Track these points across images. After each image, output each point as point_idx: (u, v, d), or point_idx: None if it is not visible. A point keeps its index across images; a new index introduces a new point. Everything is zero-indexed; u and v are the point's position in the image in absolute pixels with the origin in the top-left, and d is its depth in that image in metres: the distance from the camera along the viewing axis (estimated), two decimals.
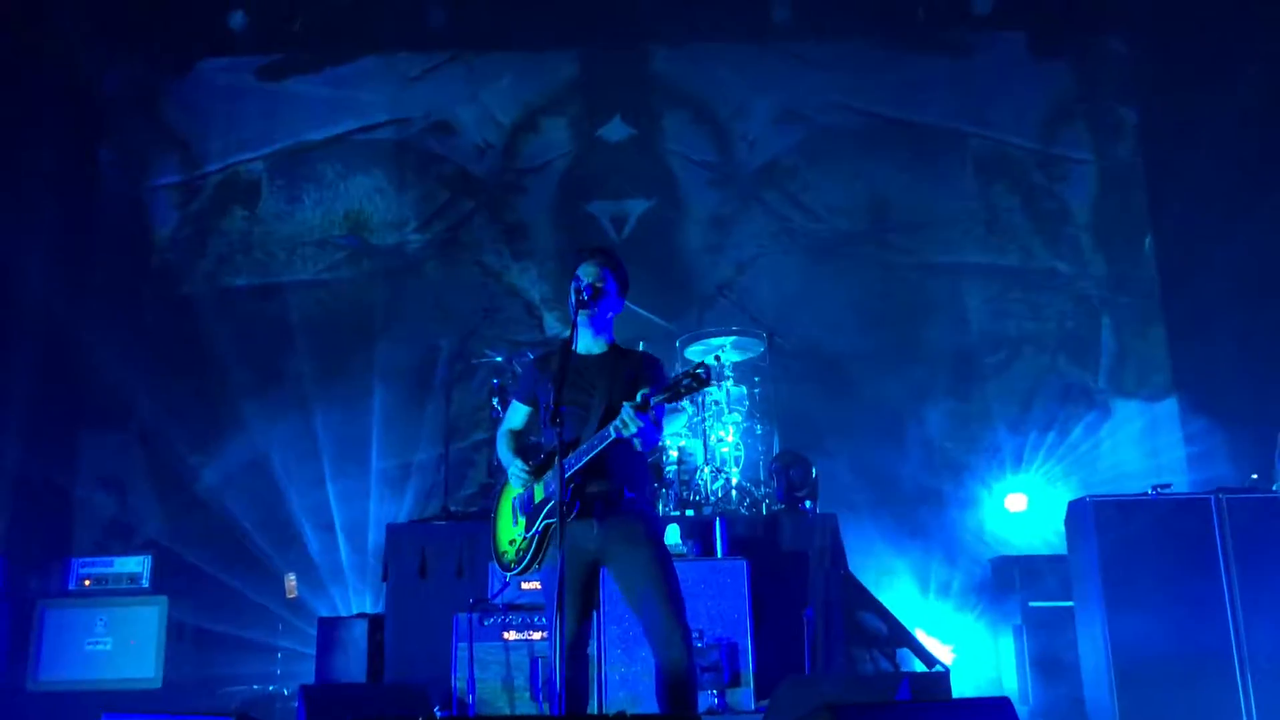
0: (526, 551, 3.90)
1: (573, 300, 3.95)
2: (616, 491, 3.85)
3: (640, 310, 7.90)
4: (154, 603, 6.75)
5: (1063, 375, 8.39)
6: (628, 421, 3.65)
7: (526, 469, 3.98)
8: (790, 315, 8.14)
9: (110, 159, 8.88)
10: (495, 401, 7.01)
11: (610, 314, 4.07)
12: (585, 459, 3.78)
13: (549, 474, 3.89)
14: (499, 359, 7.20)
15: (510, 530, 4.04)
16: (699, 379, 3.61)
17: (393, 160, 8.88)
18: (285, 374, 8.41)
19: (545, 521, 3.86)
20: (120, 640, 6.69)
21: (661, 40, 8.87)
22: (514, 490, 4.07)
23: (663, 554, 3.85)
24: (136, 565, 6.90)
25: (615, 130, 8.86)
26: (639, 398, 3.70)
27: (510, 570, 4.00)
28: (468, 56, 8.96)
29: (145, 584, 6.84)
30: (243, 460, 8.22)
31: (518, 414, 4.25)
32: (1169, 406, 8.26)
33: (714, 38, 8.85)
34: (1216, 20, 7.70)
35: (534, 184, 8.84)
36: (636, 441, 3.75)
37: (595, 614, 4.01)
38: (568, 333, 3.98)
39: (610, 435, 3.72)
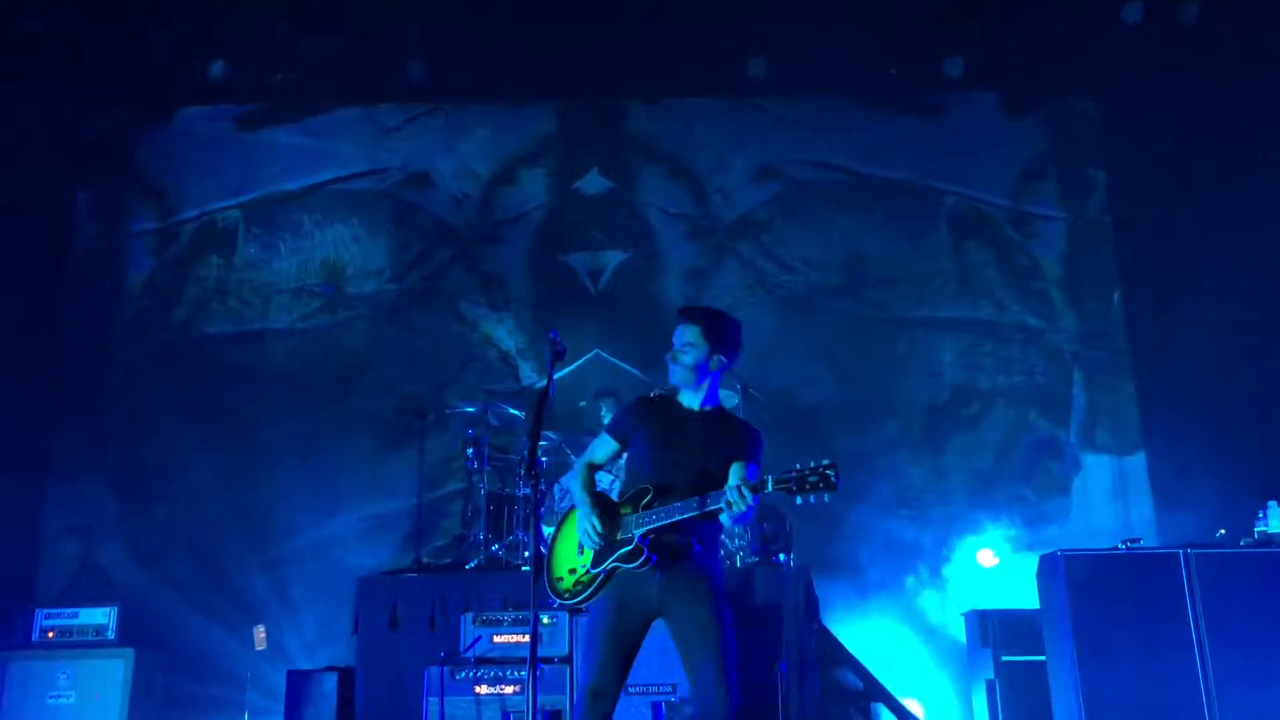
0: (588, 585, 3.80)
1: (672, 356, 3.96)
2: (686, 545, 3.77)
3: (616, 360, 7.96)
4: (120, 655, 6.63)
5: (1034, 429, 8.45)
6: (736, 502, 3.57)
7: (599, 523, 3.82)
8: (764, 367, 8.17)
9: (87, 205, 8.87)
10: (469, 452, 7.00)
11: (704, 374, 3.96)
12: (676, 518, 3.69)
13: (630, 517, 3.79)
14: (473, 409, 7.19)
15: (573, 559, 3.92)
16: (828, 481, 3.46)
17: (370, 210, 8.90)
18: (259, 422, 8.35)
19: (615, 564, 3.76)
20: (84, 694, 6.55)
21: (639, 95, 8.98)
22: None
23: (725, 616, 3.73)
24: (102, 617, 6.78)
25: (593, 183, 8.95)
26: (754, 478, 3.63)
27: (562, 599, 3.90)
28: (446, 109, 9.04)
29: (111, 635, 6.72)
30: (213, 509, 8.13)
31: (605, 447, 4.11)
32: (1139, 461, 8.34)
33: (690, 94, 8.97)
34: (1184, 81, 7.91)
35: (511, 235, 8.88)
36: (726, 518, 3.70)
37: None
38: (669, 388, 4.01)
39: (713, 508, 3.64)
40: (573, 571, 3.90)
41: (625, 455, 4.08)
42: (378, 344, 8.63)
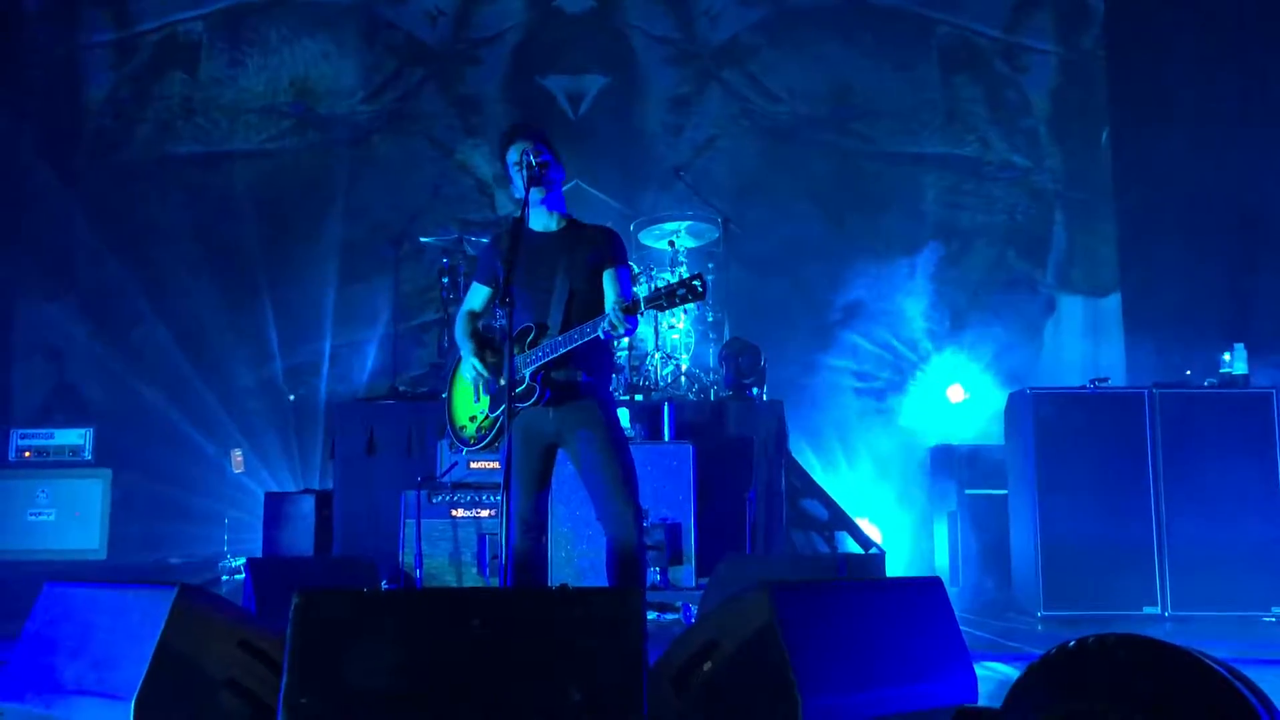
0: (490, 430, 3.94)
1: (523, 177, 3.84)
2: (574, 376, 3.84)
3: (595, 192, 7.80)
4: (97, 475, 6.71)
5: (1011, 269, 8.46)
6: (616, 324, 3.63)
7: (482, 366, 3.94)
8: (746, 200, 8.07)
9: (36, 8, 8.38)
10: (444, 281, 6.93)
11: (559, 185, 3.98)
12: (561, 351, 3.75)
13: (519, 357, 3.83)
14: (448, 239, 7.07)
15: (471, 406, 4.04)
16: (695, 292, 3.55)
17: (340, 25, 8.49)
18: (229, 247, 8.21)
19: (511, 404, 3.81)
20: (64, 512, 6.66)
21: None
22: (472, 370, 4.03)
23: (617, 436, 3.87)
24: (78, 438, 6.82)
25: (574, 1, 8.55)
26: (629, 300, 3.65)
27: (469, 445, 4.04)
28: None
29: (88, 456, 6.77)
30: (189, 332, 8.08)
31: (478, 295, 4.15)
32: (1113, 302, 8.39)
33: None
34: None
35: (487, 55, 8.52)
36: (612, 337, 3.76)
37: (549, 494, 4.03)
38: (519, 213, 3.89)
39: (595, 335, 3.70)
40: (474, 419, 4.03)
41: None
42: (349, 168, 8.40)
